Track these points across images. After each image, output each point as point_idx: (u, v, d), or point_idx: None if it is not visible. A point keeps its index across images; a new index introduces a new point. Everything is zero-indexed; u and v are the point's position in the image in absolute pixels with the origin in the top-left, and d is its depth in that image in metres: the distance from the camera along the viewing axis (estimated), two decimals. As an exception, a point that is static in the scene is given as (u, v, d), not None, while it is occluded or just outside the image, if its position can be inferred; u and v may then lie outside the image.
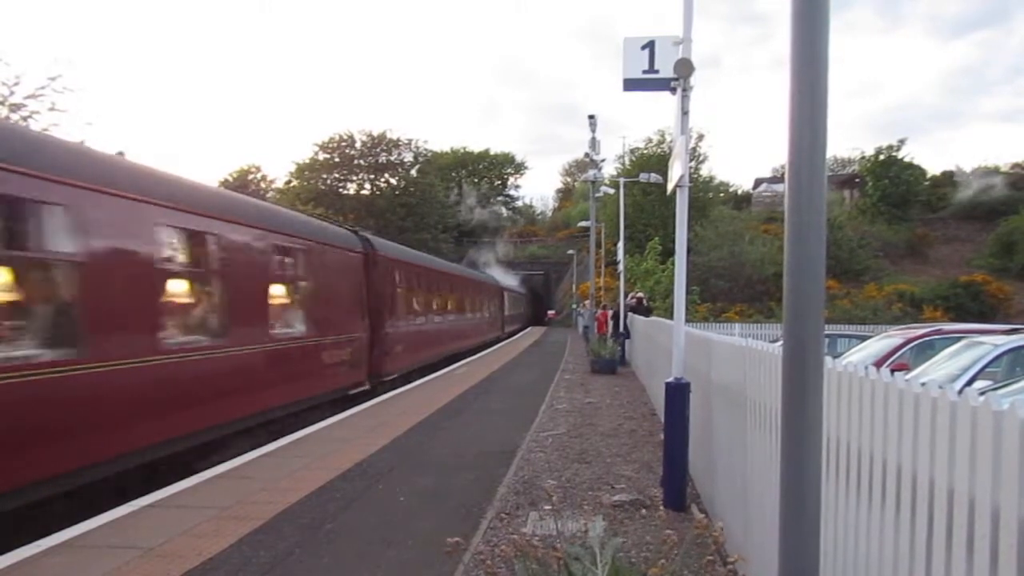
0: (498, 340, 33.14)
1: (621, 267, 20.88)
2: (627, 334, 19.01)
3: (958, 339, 8.68)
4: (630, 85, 6.16)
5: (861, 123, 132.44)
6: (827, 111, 1.93)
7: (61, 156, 6.34)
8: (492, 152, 77.14)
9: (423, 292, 18.74)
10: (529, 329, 47.31)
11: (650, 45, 5.95)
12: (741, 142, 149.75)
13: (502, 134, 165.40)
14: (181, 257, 7.79)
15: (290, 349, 10.23)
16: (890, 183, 49.82)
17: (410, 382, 15.52)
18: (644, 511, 5.71)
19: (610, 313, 23.14)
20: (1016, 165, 56.36)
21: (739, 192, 67.73)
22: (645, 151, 48.89)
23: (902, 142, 52.16)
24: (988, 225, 47.32)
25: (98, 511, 5.77)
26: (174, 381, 7.32)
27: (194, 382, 7.73)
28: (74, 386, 5.93)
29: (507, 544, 3.02)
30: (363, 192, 54.93)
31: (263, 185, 53.03)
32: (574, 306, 46.16)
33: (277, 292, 10.08)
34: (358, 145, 54.58)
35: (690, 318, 24.18)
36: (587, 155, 29.23)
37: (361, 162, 54.79)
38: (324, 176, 54.06)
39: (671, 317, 7.04)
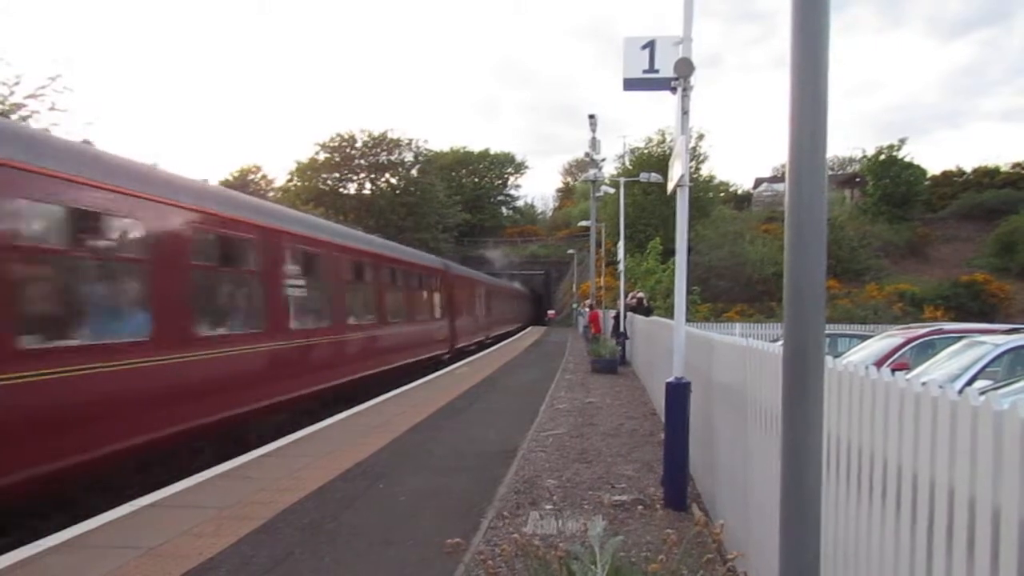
0: (518, 331, 44.36)
1: (621, 267, 20.85)
2: (626, 334, 18.99)
3: (958, 339, 8.68)
4: (630, 85, 6.16)
5: (862, 123, 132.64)
6: (827, 110, 1.93)
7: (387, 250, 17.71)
8: (492, 152, 77.12)
9: (475, 296, 29.44)
10: (529, 329, 47.24)
11: (650, 45, 5.95)
12: (741, 142, 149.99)
13: (502, 134, 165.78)
14: (399, 283, 17.09)
15: (425, 328, 19.37)
16: (891, 183, 49.75)
17: (472, 354, 24.29)
18: (645, 510, 5.71)
19: (609, 313, 23.16)
20: (1017, 165, 56.30)
21: (739, 192, 67.72)
22: (645, 151, 48.83)
23: (903, 142, 51.98)
24: (988, 225, 47.24)
25: (98, 511, 5.78)
26: (395, 338, 15.98)
27: (400, 339, 16.56)
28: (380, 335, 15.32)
29: (508, 544, 3.02)
30: (363, 192, 54.95)
31: (263, 185, 53.02)
32: (574, 306, 46.14)
33: (420, 297, 19.28)
34: (359, 145, 54.58)
35: (690, 318, 24.16)
36: (587, 155, 29.28)
37: (362, 162, 54.81)
38: (324, 176, 54.07)
39: (672, 317, 7.04)
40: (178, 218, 7.71)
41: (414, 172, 56.31)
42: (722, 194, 56.77)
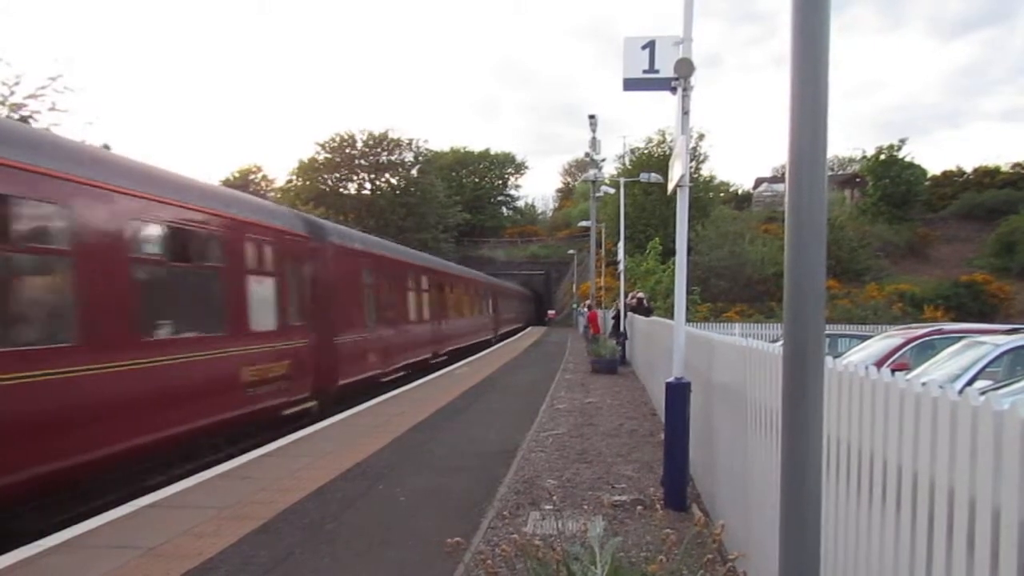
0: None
1: (621, 267, 20.87)
2: (627, 334, 19.00)
3: (959, 339, 8.67)
4: (630, 85, 6.16)
5: (862, 123, 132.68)
6: (828, 110, 1.93)
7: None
8: (492, 152, 77.12)
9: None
10: (529, 329, 47.23)
11: (650, 45, 5.95)
12: (742, 141, 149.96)
13: (502, 134, 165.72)
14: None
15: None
16: (891, 183, 49.73)
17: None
18: (644, 511, 5.71)
19: (608, 313, 23.17)
20: (1017, 165, 56.27)
21: (740, 192, 67.71)
22: (645, 151, 48.86)
23: (903, 142, 51.82)
24: (989, 225, 47.24)
25: (98, 511, 5.78)
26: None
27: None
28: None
29: (508, 544, 3.02)
30: (364, 192, 54.98)
31: (264, 185, 53.06)
32: (574, 306, 46.14)
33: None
34: (359, 145, 54.61)
35: (690, 318, 24.19)
36: (587, 155, 29.29)
37: (362, 162, 54.84)
38: (325, 176, 54.10)
39: (672, 317, 7.04)
40: None
41: (414, 172, 56.32)
42: (722, 194, 56.77)
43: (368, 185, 55.23)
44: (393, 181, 55.49)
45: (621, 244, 20.79)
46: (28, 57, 61.13)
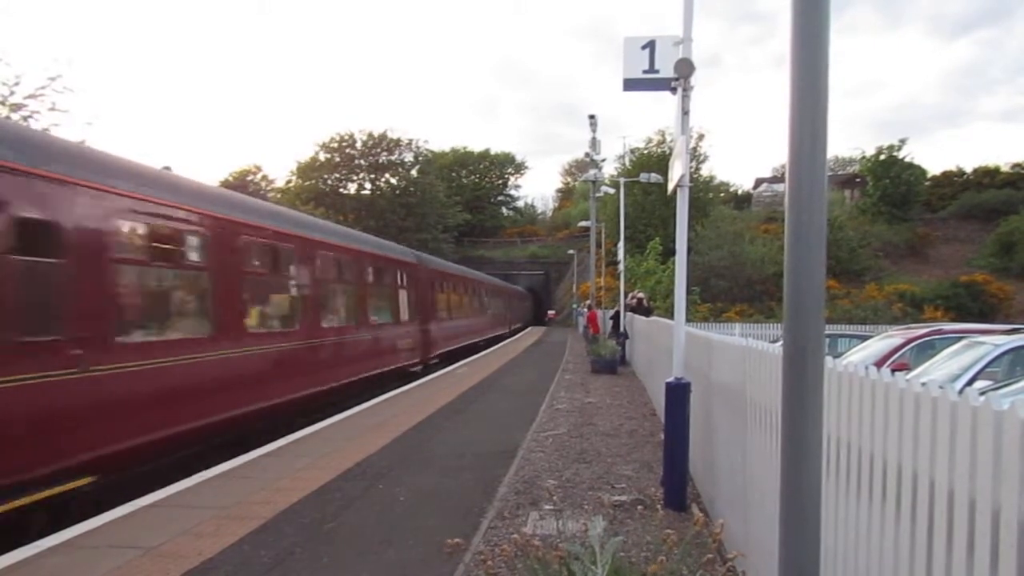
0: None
1: (621, 267, 20.86)
2: (627, 334, 19.01)
3: (958, 339, 8.68)
4: (630, 85, 6.16)
5: (862, 122, 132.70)
6: (827, 110, 1.93)
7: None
8: (492, 152, 77.15)
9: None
10: (529, 329, 47.24)
11: (650, 45, 5.95)
12: (741, 142, 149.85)
13: (502, 134, 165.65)
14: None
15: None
16: (891, 183, 49.67)
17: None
18: (644, 511, 5.71)
19: (606, 313, 23.17)
20: (1017, 165, 56.25)
21: (739, 192, 67.70)
22: (645, 151, 48.81)
23: (903, 142, 51.73)
24: (988, 225, 47.22)
25: (98, 511, 5.78)
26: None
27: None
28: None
29: (508, 544, 3.02)
30: (363, 192, 54.98)
31: (263, 185, 53.07)
32: (574, 306, 46.15)
33: None
34: (358, 145, 54.61)
35: (690, 318, 24.16)
36: (587, 155, 29.27)
37: (361, 162, 54.84)
38: (324, 176, 54.10)
39: (671, 317, 7.04)
40: None
41: (414, 172, 56.32)
42: (722, 194, 56.77)
43: (368, 185, 55.22)
44: (393, 181, 55.48)
45: (621, 244, 20.78)
46: (28, 57, 61.05)
